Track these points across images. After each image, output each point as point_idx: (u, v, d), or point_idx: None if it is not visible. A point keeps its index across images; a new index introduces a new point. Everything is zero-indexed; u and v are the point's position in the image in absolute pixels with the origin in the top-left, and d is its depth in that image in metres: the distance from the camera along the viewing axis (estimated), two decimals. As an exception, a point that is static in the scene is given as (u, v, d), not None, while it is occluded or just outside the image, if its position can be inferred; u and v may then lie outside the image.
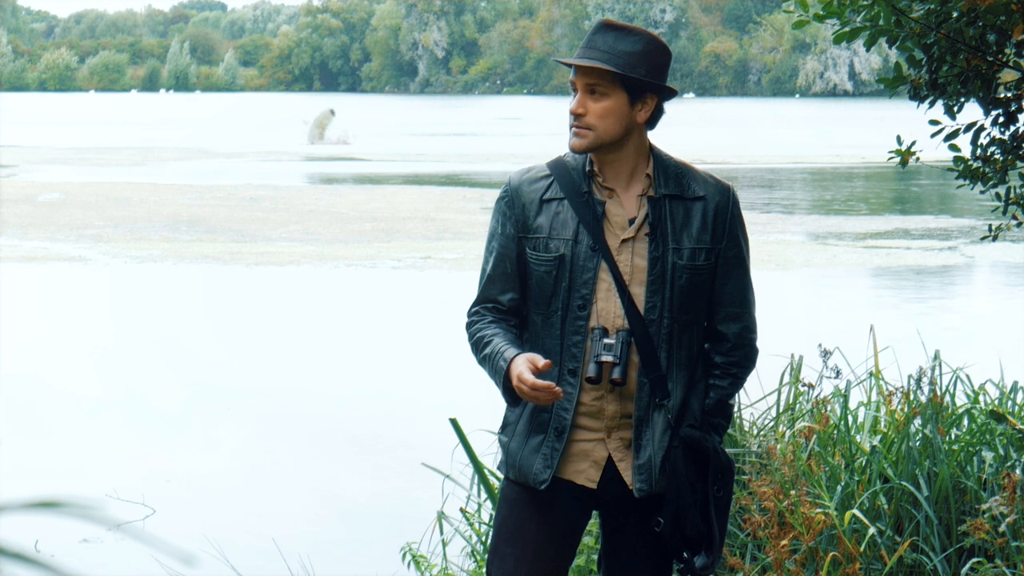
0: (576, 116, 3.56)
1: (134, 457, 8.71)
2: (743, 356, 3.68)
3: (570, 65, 3.57)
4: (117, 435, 9.30)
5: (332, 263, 17.15)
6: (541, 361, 3.47)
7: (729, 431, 5.49)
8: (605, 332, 3.54)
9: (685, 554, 3.61)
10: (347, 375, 11.28)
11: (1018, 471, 5.15)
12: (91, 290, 15.67)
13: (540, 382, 3.44)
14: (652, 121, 3.62)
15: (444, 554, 5.68)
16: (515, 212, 3.64)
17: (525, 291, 3.67)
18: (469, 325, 3.70)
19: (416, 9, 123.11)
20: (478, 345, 3.64)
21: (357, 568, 6.59)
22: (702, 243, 3.59)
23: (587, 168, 3.62)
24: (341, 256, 17.74)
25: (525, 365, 3.47)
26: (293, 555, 6.23)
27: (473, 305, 3.72)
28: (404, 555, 5.68)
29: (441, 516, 5.74)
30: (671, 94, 3.63)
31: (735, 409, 5.62)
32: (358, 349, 12.33)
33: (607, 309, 3.57)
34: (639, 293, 3.56)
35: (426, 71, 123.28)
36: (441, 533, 5.71)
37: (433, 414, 8.94)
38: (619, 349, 3.52)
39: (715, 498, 3.61)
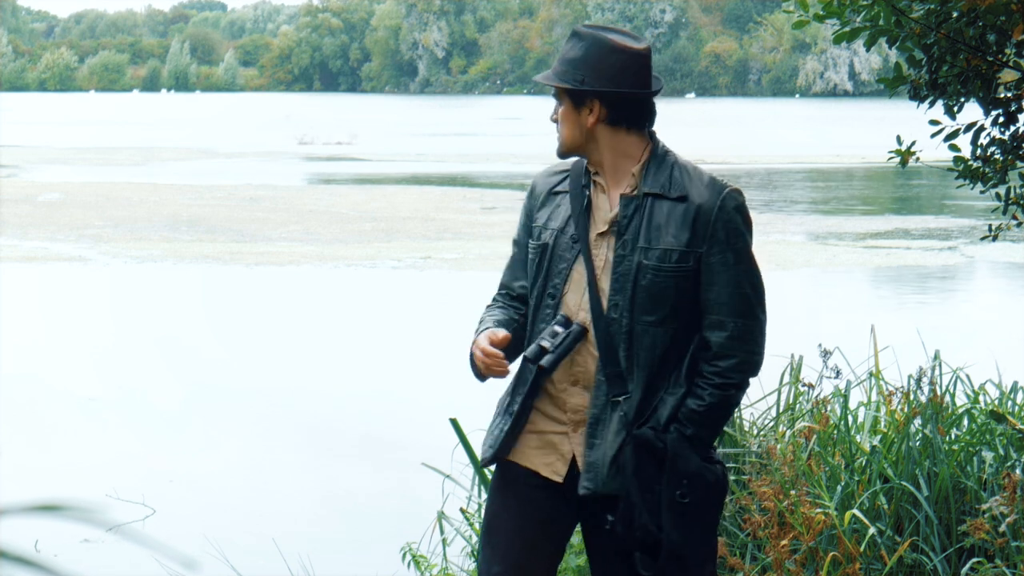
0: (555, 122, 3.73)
1: (134, 457, 8.71)
2: (727, 368, 3.53)
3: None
4: (117, 435, 9.30)
5: (332, 263, 17.16)
6: (501, 333, 3.60)
7: (729, 431, 5.49)
8: (566, 321, 3.60)
9: (637, 555, 3.58)
10: (347, 375, 11.28)
11: (1018, 471, 5.15)
12: (91, 290, 15.67)
13: (488, 348, 3.57)
14: (615, 120, 3.61)
15: (444, 554, 5.68)
16: (531, 203, 3.78)
17: None
18: (484, 310, 3.82)
19: (416, 9, 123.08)
20: (477, 328, 3.75)
21: (357, 568, 6.59)
22: (678, 245, 3.54)
23: (587, 165, 3.70)
24: (341, 256, 17.75)
25: (485, 336, 3.60)
26: (293, 555, 6.23)
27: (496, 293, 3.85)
28: (404, 555, 5.68)
29: (441, 516, 5.74)
30: (621, 95, 3.58)
31: (734, 411, 5.62)
32: (358, 349, 12.33)
33: (574, 301, 3.62)
34: (606, 289, 3.60)
35: (426, 71, 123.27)
36: (441, 533, 5.71)
37: (433, 414, 8.93)
38: (561, 340, 3.56)
39: (676, 503, 3.52)
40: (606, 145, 3.63)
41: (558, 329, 3.59)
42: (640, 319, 3.54)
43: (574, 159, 3.73)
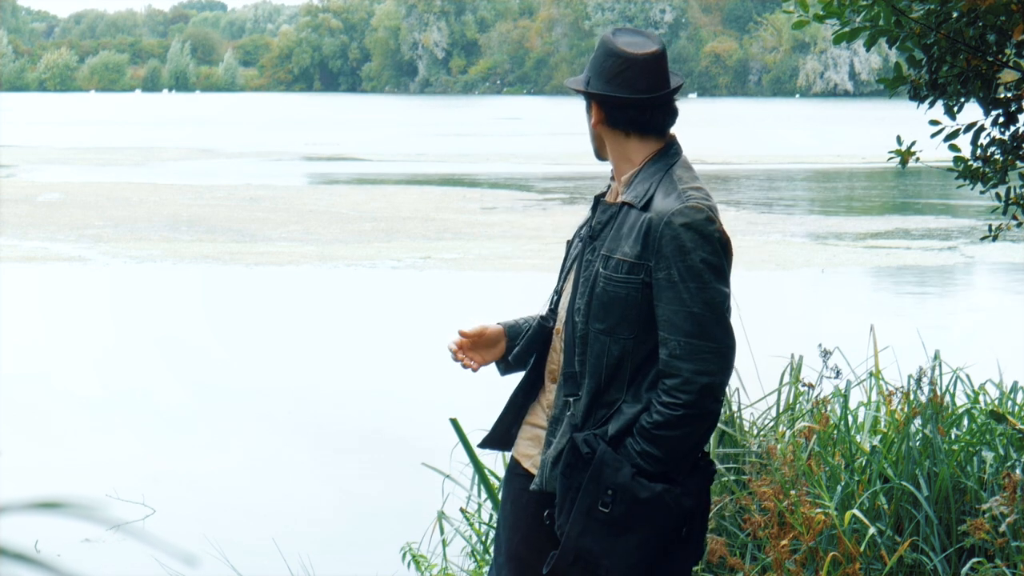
0: None
1: (134, 457, 8.71)
2: (672, 386, 3.45)
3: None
4: (118, 435, 9.30)
5: (332, 263, 17.16)
6: (474, 329, 3.76)
7: (729, 431, 5.49)
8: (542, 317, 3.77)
9: (552, 552, 3.58)
10: (347, 375, 11.28)
11: (1018, 471, 5.15)
12: (91, 290, 15.67)
13: (450, 342, 3.77)
14: (613, 123, 3.61)
15: (444, 554, 5.69)
16: None
17: None
18: None
19: (416, 9, 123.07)
20: None
21: (357, 568, 6.59)
22: (631, 256, 3.52)
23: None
24: (341, 256, 17.75)
25: (467, 326, 3.79)
26: (293, 555, 6.24)
27: None
28: (404, 555, 5.68)
29: (441, 516, 5.75)
30: (612, 98, 3.58)
31: (734, 411, 5.62)
32: (358, 349, 12.33)
33: (564, 303, 3.69)
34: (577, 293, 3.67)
35: (426, 71, 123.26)
36: (441, 533, 5.72)
37: (433, 414, 8.94)
38: (525, 338, 3.73)
39: (596, 511, 3.48)
40: (610, 148, 3.66)
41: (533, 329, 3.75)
42: (592, 325, 3.56)
43: None
